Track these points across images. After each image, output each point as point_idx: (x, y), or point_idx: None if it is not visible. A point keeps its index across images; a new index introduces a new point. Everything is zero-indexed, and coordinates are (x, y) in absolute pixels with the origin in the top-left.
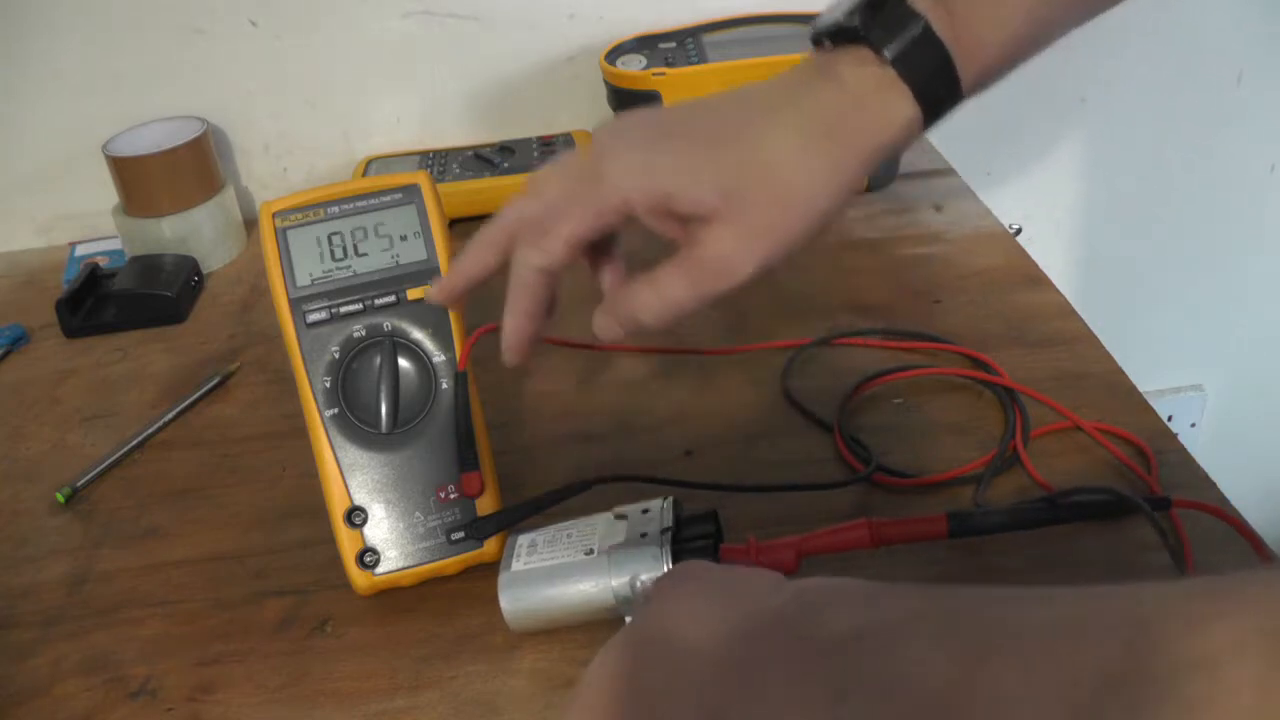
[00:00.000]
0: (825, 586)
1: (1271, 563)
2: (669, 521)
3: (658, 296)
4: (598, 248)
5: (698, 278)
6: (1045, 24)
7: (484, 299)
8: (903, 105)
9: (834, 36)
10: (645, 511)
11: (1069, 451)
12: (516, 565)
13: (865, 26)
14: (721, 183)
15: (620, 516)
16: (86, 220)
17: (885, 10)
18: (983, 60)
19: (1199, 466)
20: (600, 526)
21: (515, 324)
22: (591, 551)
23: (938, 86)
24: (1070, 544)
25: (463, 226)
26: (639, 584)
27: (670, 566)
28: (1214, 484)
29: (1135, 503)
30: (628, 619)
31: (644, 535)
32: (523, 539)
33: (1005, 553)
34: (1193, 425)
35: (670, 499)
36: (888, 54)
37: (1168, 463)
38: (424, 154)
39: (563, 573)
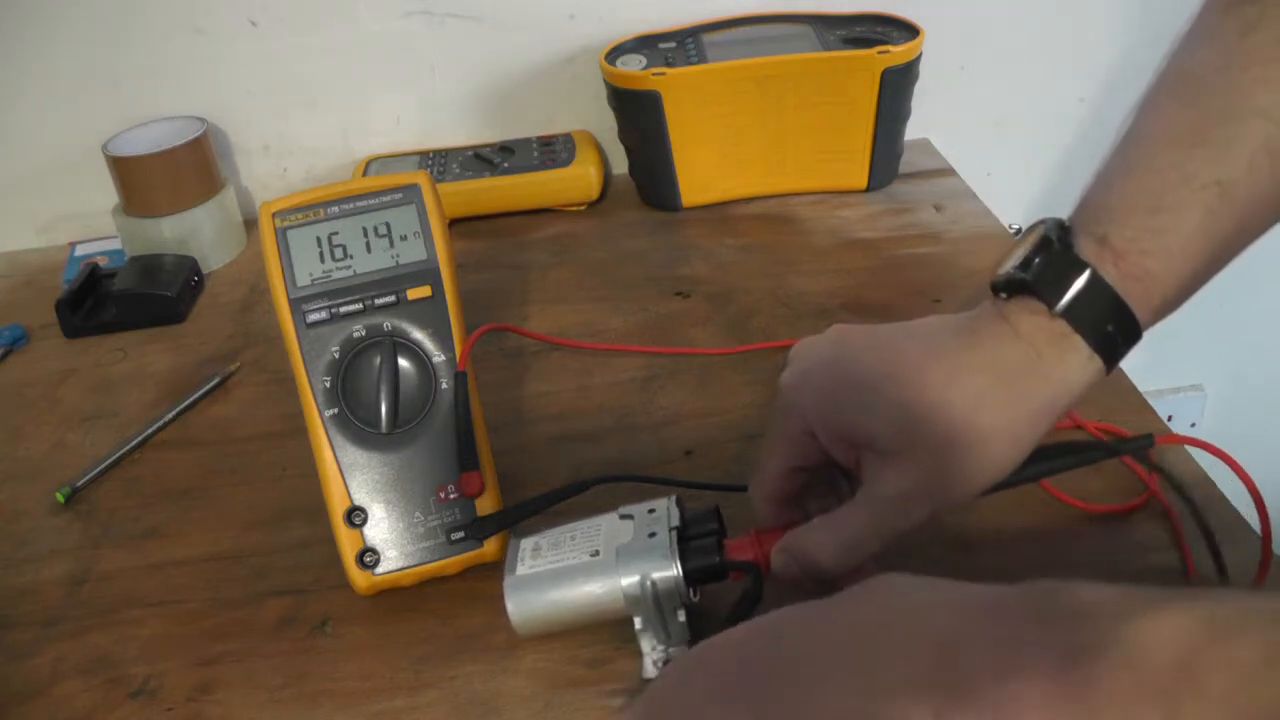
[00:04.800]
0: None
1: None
2: (676, 520)
3: (837, 535)
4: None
5: (877, 516)
6: (1222, 245)
7: (484, 300)
8: (1078, 357)
9: (1008, 289)
10: (651, 511)
11: None
12: (521, 569)
13: (1035, 279)
14: (898, 423)
15: (626, 516)
16: (86, 220)
17: (1053, 260)
18: (1160, 293)
19: (1199, 466)
20: (605, 527)
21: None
22: (597, 553)
23: (1114, 331)
24: (1071, 544)
25: (463, 226)
26: (648, 583)
27: (679, 564)
28: (1213, 483)
29: (1115, 448)
30: (636, 622)
31: (652, 535)
32: (525, 543)
33: (1005, 551)
34: (1193, 425)
35: (674, 497)
36: (1058, 308)
37: (1168, 462)
38: (424, 154)
39: (569, 575)
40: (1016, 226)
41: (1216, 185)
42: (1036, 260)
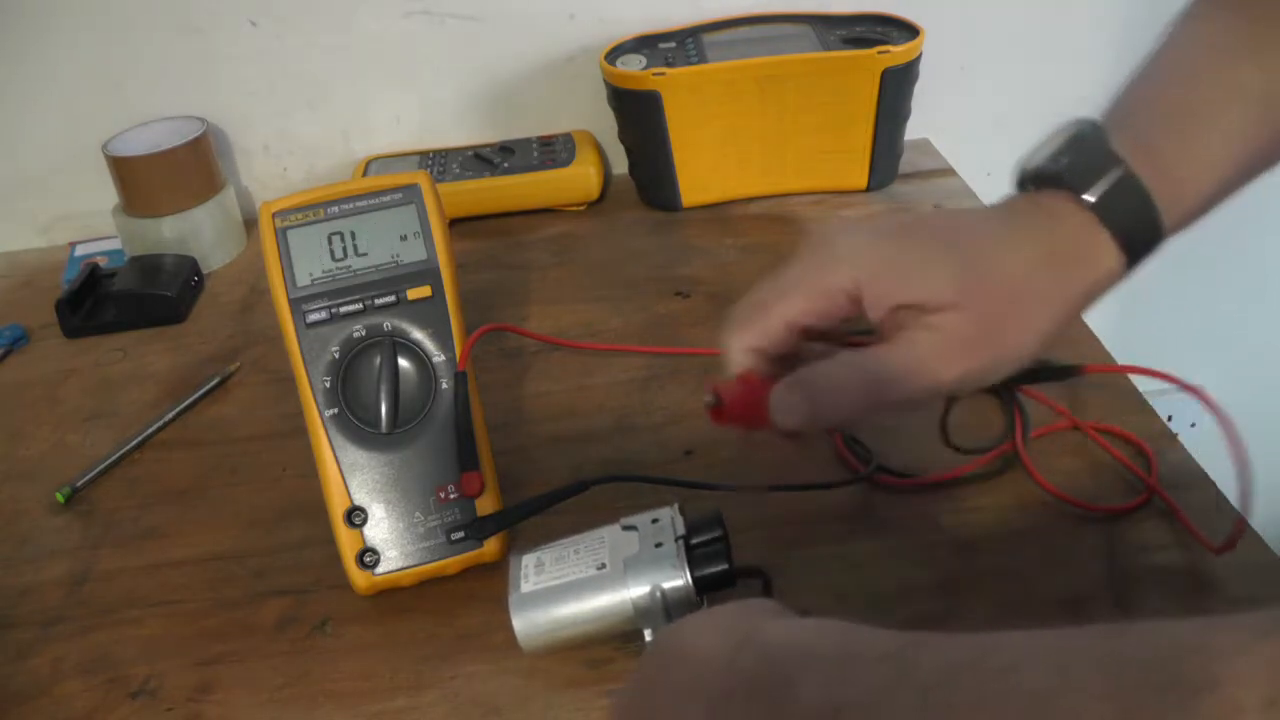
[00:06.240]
0: (798, 649)
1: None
2: (682, 529)
3: (866, 369)
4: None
5: (917, 358)
6: (1256, 160)
7: (484, 300)
8: (1104, 248)
9: (1038, 181)
10: (655, 520)
11: (1069, 452)
12: (525, 586)
13: (1068, 171)
14: (960, 277)
15: (629, 528)
16: (86, 220)
17: (1086, 154)
18: (1188, 201)
19: (1198, 466)
20: (609, 539)
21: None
22: (604, 565)
23: (1140, 230)
24: (1071, 544)
25: (463, 226)
26: (658, 594)
27: (689, 573)
28: (1213, 483)
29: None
30: (647, 634)
31: (658, 544)
32: (528, 559)
33: (1006, 553)
34: (1193, 425)
35: (676, 505)
36: (1088, 198)
37: (1168, 462)
38: (424, 154)
39: (576, 589)
40: None
41: (1262, 97)
42: (1070, 154)
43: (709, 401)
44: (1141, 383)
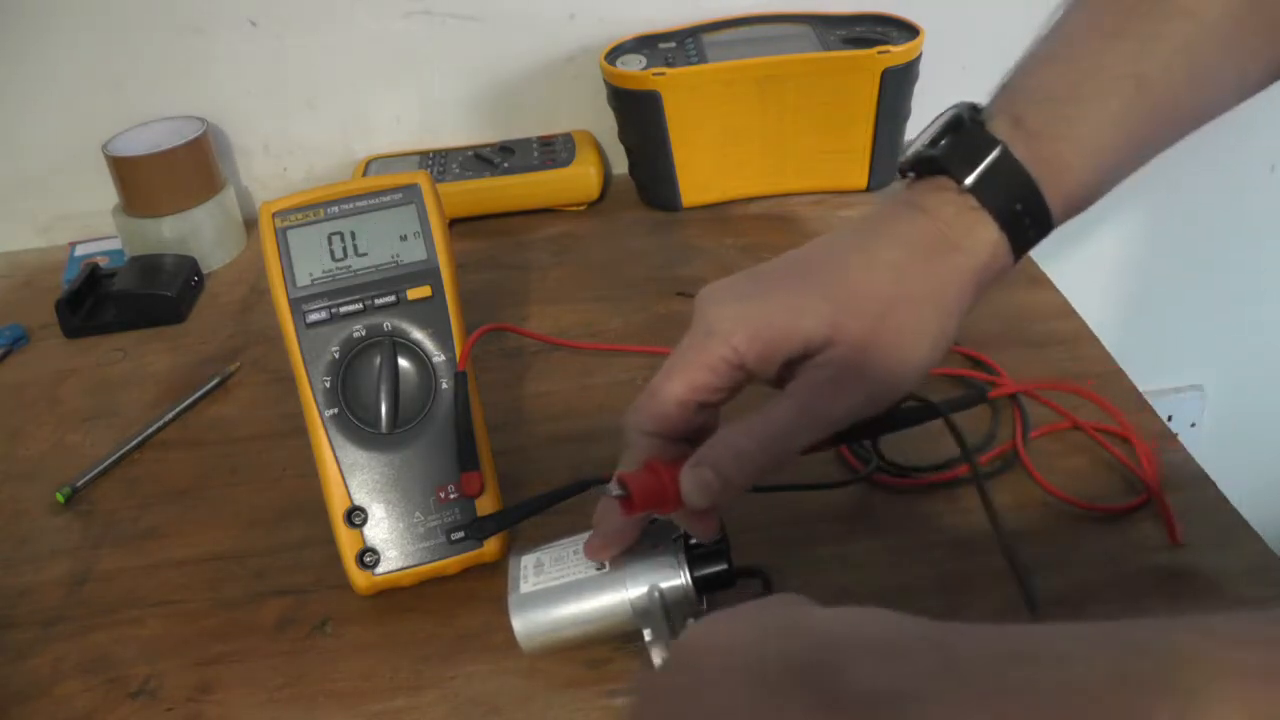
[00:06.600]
0: (844, 635)
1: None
2: (681, 529)
3: (764, 426)
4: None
5: (807, 402)
6: (1137, 145)
7: (484, 300)
8: (986, 232)
9: (917, 167)
10: (653, 521)
11: (1069, 451)
12: (525, 586)
13: (944, 155)
14: (828, 312)
15: None
16: (86, 220)
17: (964, 137)
18: (1072, 182)
19: (1198, 466)
20: None
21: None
22: (603, 566)
23: (1021, 210)
24: (1071, 544)
25: (463, 226)
26: (656, 594)
27: (688, 574)
28: (1213, 483)
29: (946, 405)
30: (646, 634)
31: (657, 544)
32: (527, 559)
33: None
34: (1193, 425)
35: None
36: (967, 182)
37: (1167, 462)
38: (424, 154)
39: (575, 590)
40: None
41: (1134, 79)
42: (946, 138)
43: (616, 494)
44: (1141, 383)
